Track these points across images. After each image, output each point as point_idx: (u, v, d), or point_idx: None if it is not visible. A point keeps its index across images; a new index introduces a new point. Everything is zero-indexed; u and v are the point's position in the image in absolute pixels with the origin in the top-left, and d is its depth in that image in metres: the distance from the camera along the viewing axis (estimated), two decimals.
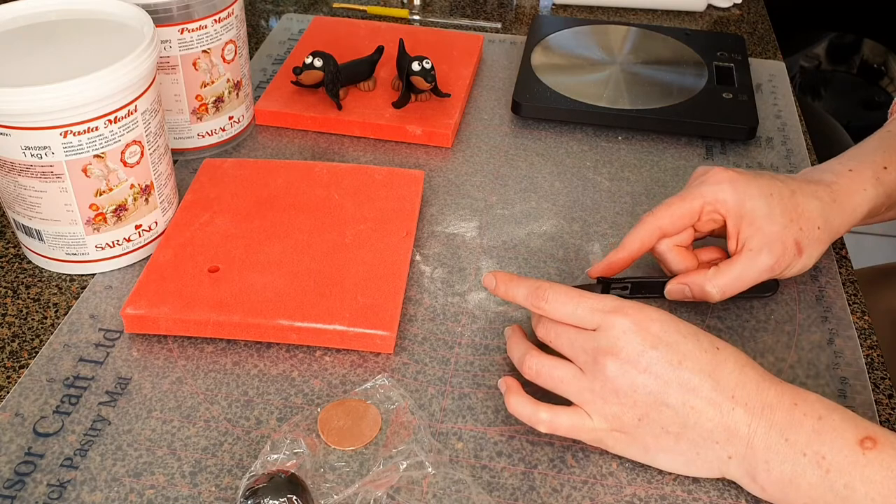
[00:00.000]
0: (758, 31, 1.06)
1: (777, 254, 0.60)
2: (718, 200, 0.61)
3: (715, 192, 0.61)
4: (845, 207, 0.63)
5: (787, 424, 0.49)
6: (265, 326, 0.62)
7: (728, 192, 0.61)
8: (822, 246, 0.63)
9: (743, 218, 0.61)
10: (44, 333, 0.64)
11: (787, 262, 0.61)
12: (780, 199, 0.61)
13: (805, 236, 0.61)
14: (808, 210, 0.61)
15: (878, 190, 0.64)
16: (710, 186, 0.61)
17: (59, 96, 0.58)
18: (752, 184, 0.61)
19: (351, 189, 0.73)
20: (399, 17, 1.05)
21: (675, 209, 0.62)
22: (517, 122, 0.87)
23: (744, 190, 0.61)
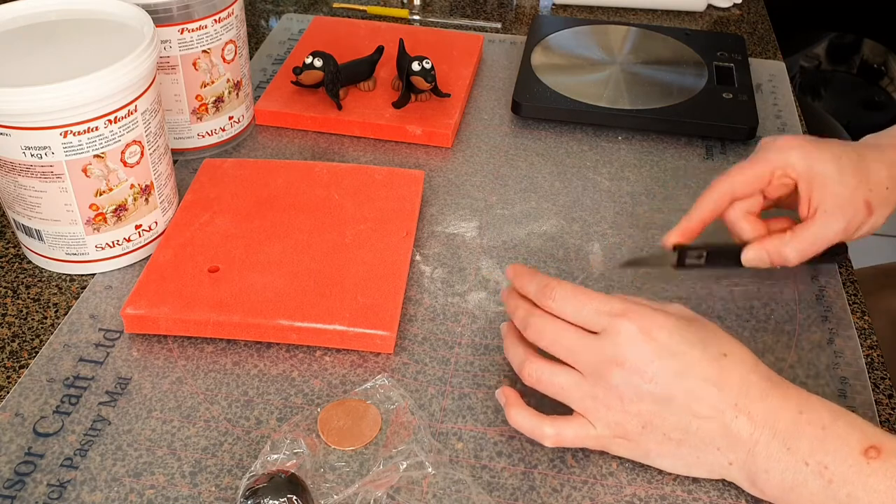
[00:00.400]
0: (758, 31, 1.06)
1: (849, 215, 0.61)
2: (789, 165, 0.61)
3: (785, 157, 0.61)
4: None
5: (791, 433, 0.49)
6: (265, 326, 0.62)
7: (797, 157, 0.61)
8: (890, 206, 0.63)
9: (814, 181, 0.61)
10: (44, 333, 0.64)
11: (859, 222, 0.61)
12: (848, 161, 0.61)
13: (875, 196, 0.61)
14: (875, 172, 0.61)
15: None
16: (779, 152, 0.61)
17: (59, 96, 0.58)
18: (820, 148, 0.61)
19: (351, 189, 0.73)
20: (399, 17, 1.05)
21: (746, 172, 0.62)
22: (517, 122, 0.87)
23: (813, 154, 0.61)
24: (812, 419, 0.49)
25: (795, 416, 0.49)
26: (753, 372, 0.51)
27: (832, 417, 0.49)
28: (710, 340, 0.52)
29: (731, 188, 0.62)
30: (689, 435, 0.51)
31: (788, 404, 0.50)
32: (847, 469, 0.48)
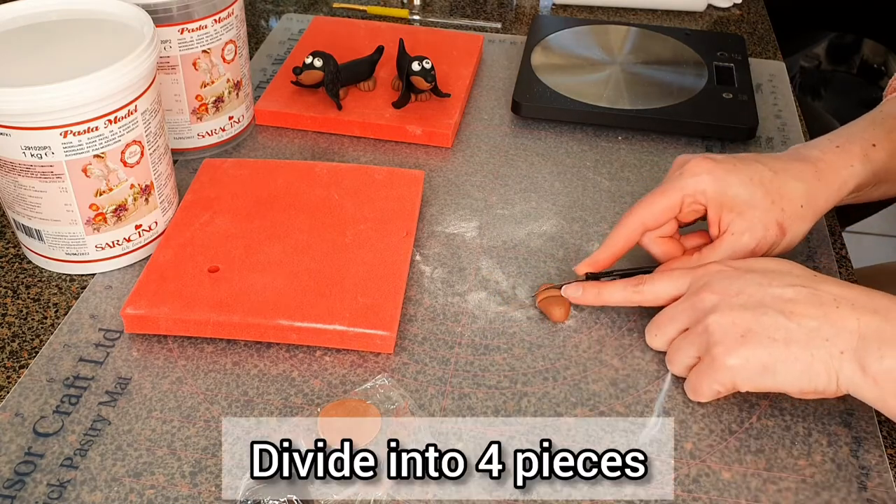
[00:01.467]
0: (758, 31, 1.06)
1: (759, 236, 0.62)
2: (698, 192, 0.62)
3: (695, 183, 0.62)
4: (830, 184, 0.63)
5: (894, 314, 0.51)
6: (265, 326, 0.62)
7: (707, 183, 0.62)
8: (806, 223, 0.63)
9: (723, 206, 0.62)
10: (44, 333, 0.64)
11: (770, 242, 0.62)
12: (760, 182, 0.62)
13: (787, 216, 0.62)
14: (790, 190, 0.62)
15: (866, 167, 0.64)
16: (689, 179, 0.62)
17: (59, 96, 0.58)
18: (731, 171, 0.62)
19: (351, 189, 0.73)
20: (399, 17, 1.05)
21: (656, 205, 0.63)
22: (517, 122, 0.87)
23: (723, 178, 0.61)
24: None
25: (891, 301, 0.52)
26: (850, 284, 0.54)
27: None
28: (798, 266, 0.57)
29: (641, 221, 0.63)
30: (792, 332, 0.52)
31: (881, 293, 0.52)
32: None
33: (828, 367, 0.52)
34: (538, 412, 0.59)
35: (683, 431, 0.58)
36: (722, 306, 0.54)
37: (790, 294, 0.53)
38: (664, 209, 0.63)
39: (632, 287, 0.60)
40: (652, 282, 0.60)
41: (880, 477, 0.55)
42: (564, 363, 0.62)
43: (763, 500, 0.54)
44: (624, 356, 0.63)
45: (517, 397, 0.60)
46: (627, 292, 0.61)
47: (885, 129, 0.67)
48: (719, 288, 0.55)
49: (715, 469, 0.55)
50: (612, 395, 0.60)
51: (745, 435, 0.57)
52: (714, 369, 0.55)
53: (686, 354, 0.57)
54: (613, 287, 0.62)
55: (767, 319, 0.53)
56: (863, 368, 0.51)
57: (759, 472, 0.55)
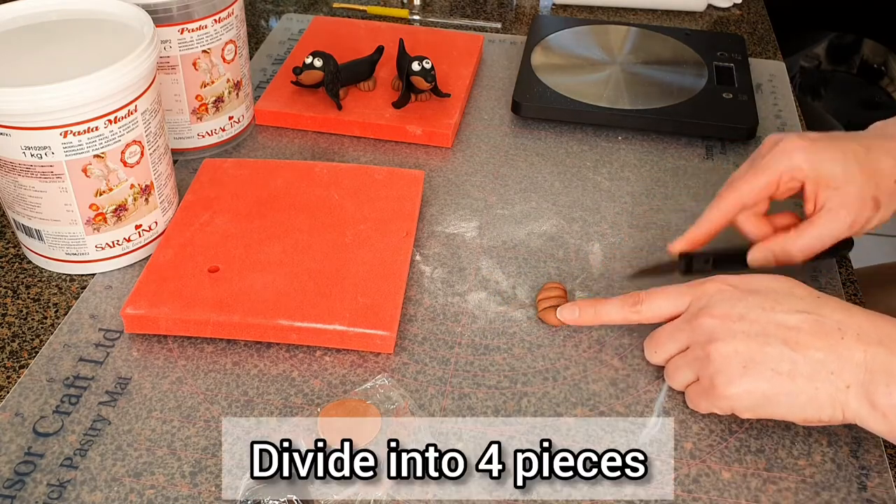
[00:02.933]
0: (758, 31, 1.06)
1: (855, 212, 0.61)
2: (795, 168, 0.61)
3: (790, 160, 0.61)
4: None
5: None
6: (265, 326, 0.62)
7: (802, 159, 0.61)
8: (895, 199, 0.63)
9: (820, 182, 0.61)
10: (44, 333, 0.64)
11: (866, 218, 0.62)
12: (855, 158, 0.61)
13: (882, 191, 0.61)
14: (882, 166, 0.61)
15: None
16: (784, 156, 0.62)
17: (59, 96, 0.58)
18: (825, 148, 0.62)
19: (351, 189, 0.73)
20: (399, 17, 1.05)
21: (755, 182, 0.62)
22: (517, 122, 0.87)
23: (818, 155, 0.61)
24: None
25: (894, 327, 0.51)
26: (854, 307, 0.53)
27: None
28: (800, 287, 0.55)
29: (740, 199, 0.63)
30: (797, 364, 0.51)
31: (885, 320, 0.51)
32: None
33: (833, 400, 0.51)
34: (538, 412, 0.59)
35: (683, 431, 0.58)
36: (724, 334, 0.53)
37: (794, 321, 0.52)
38: (763, 187, 0.62)
39: (629, 307, 0.60)
40: (650, 300, 0.59)
41: (880, 477, 0.55)
42: (564, 363, 0.62)
43: (763, 500, 0.54)
44: (624, 356, 0.63)
45: (517, 397, 0.60)
46: (625, 311, 0.60)
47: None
48: (720, 311, 0.54)
49: (715, 469, 0.55)
50: (612, 395, 0.60)
51: (745, 435, 0.57)
52: (714, 396, 0.54)
53: (685, 375, 0.57)
54: (610, 306, 0.61)
55: (772, 350, 0.52)
56: (871, 403, 0.50)
57: (759, 472, 0.55)
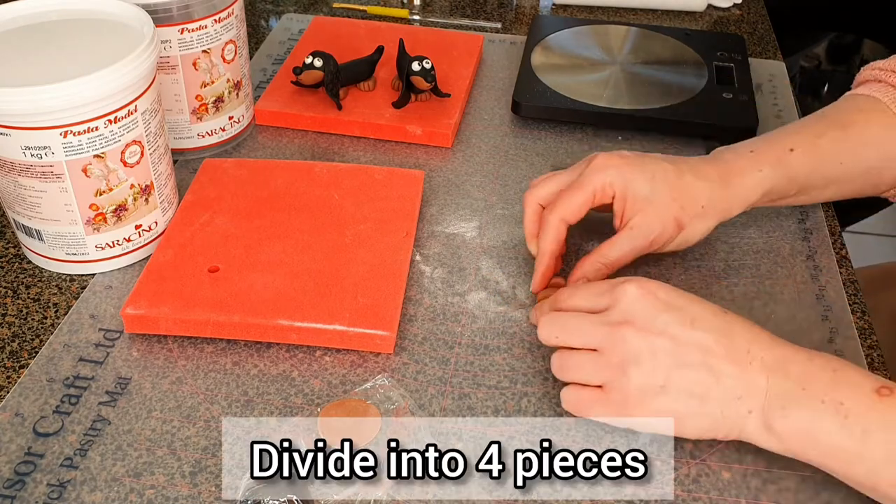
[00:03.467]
0: (758, 31, 1.06)
1: (656, 231, 0.64)
2: (606, 185, 0.65)
3: (602, 178, 0.65)
4: (735, 188, 0.66)
5: (804, 375, 0.51)
6: (265, 326, 0.62)
7: (614, 177, 0.64)
8: (706, 222, 0.65)
9: (626, 199, 0.64)
10: (44, 333, 0.64)
11: (667, 236, 0.65)
12: (664, 180, 0.64)
13: (686, 214, 0.64)
14: (692, 190, 0.65)
15: (778, 171, 0.66)
16: (598, 174, 0.65)
17: (59, 96, 0.58)
18: (636, 168, 0.65)
19: (351, 189, 0.73)
20: (399, 17, 1.05)
21: (573, 201, 0.65)
22: (517, 122, 0.87)
23: (628, 174, 0.64)
24: (823, 364, 0.51)
25: (806, 361, 0.52)
26: (756, 327, 0.54)
27: (840, 364, 0.52)
28: (706, 301, 0.55)
29: (562, 219, 0.65)
30: (711, 389, 0.52)
31: (798, 353, 0.52)
32: (862, 405, 0.49)
33: (734, 423, 0.52)
34: (538, 412, 0.59)
35: None
36: (645, 351, 0.52)
37: (710, 342, 0.52)
38: (581, 204, 0.65)
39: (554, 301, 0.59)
40: (571, 294, 0.58)
41: None
42: None
43: (763, 500, 0.54)
44: None
45: (517, 397, 0.60)
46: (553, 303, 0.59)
47: (814, 133, 0.68)
48: (642, 323, 0.53)
49: (715, 469, 0.55)
50: None
51: None
52: (620, 410, 0.54)
53: (586, 375, 0.55)
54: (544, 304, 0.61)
55: (690, 374, 0.52)
56: (768, 427, 0.51)
57: (759, 472, 0.55)
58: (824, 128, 0.68)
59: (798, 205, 0.72)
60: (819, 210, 0.77)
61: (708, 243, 0.72)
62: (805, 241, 0.73)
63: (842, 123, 0.69)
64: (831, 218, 0.76)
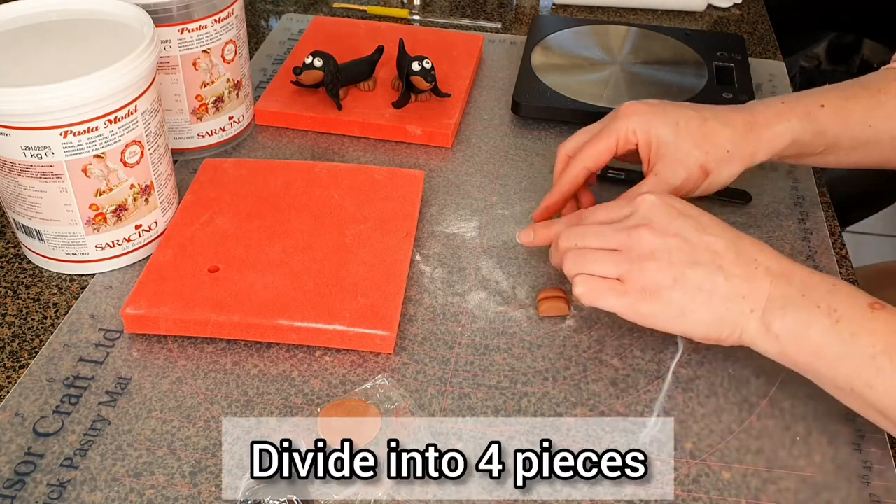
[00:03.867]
0: (758, 31, 1.06)
1: (681, 177, 0.65)
2: (629, 131, 0.67)
3: (626, 125, 0.66)
4: (761, 135, 0.67)
5: (805, 284, 0.55)
6: (265, 326, 0.62)
7: (637, 124, 0.66)
8: (732, 167, 0.67)
9: (650, 145, 0.66)
10: (44, 333, 0.64)
11: (694, 182, 0.66)
12: (686, 127, 0.66)
13: (711, 159, 0.66)
14: (717, 135, 0.66)
15: (806, 125, 0.67)
16: (622, 120, 0.67)
17: (59, 96, 0.58)
18: (659, 115, 0.66)
19: (351, 189, 0.73)
20: (399, 17, 1.05)
21: (596, 148, 0.67)
22: (517, 122, 0.87)
23: (652, 121, 0.66)
24: (823, 278, 0.55)
25: (808, 274, 0.55)
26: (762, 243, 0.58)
27: (840, 281, 0.55)
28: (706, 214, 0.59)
29: (584, 165, 0.68)
30: (718, 285, 0.55)
31: (801, 268, 0.56)
32: (853, 313, 0.53)
33: (736, 322, 0.55)
34: (538, 412, 0.59)
35: (683, 431, 0.58)
36: (661, 249, 0.56)
37: (720, 246, 0.56)
38: (603, 151, 0.67)
39: (574, 220, 0.62)
40: (592, 213, 0.61)
41: (882, 476, 0.55)
42: (564, 363, 0.62)
43: (763, 500, 0.54)
44: (624, 356, 0.63)
45: (517, 397, 0.60)
46: (571, 224, 0.62)
47: (845, 94, 0.69)
48: (659, 226, 0.57)
49: (715, 469, 0.56)
50: (612, 395, 0.60)
51: (745, 435, 0.58)
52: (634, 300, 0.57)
53: (605, 268, 0.58)
54: (558, 223, 0.64)
55: (701, 270, 0.55)
56: (767, 327, 0.54)
57: (759, 472, 0.55)
58: (856, 91, 0.69)
59: (826, 166, 0.73)
60: (819, 210, 0.77)
61: None
62: (805, 241, 0.73)
63: (874, 90, 0.69)
64: (831, 218, 0.76)
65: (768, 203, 0.77)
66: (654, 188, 0.65)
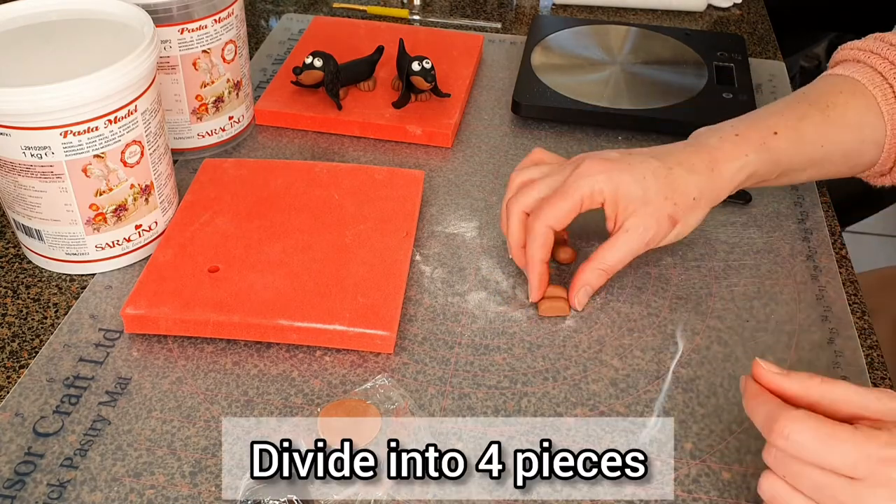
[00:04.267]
0: (758, 31, 1.06)
1: (652, 231, 0.64)
2: (595, 191, 0.64)
3: (591, 184, 0.64)
4: (723, 174, 0.66)
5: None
6: (265, 326, 0.62)
7: (604, 183, 0.64)
8: (698, 213, 0.66)
9: (618, 203, 0.64)
10: (44, 333, 0.64)
11: (662, 235, 0.65)
12: (654, 180, 0.64)
13: (679, 210, 0.64)
14: (683, 185, 0.65)
15: (763, 155, 0.66)
16: (586, 179, 0.64)
17: (59, 96, 0.58)
18: (625, 171, 0.64)
19: (351, 189, 0.73)
20: (399, 17, 1.05)
21: (560, 209, 0.64)
22: (517, 122, 0.87)
23: (617, 178, 0.64)
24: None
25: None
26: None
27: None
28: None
29: (548, 226, 0.64)
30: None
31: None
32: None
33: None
34: (538, 412, 0.59)
35: (683, 431, 0.58)
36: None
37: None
38: (568, 212, 0.64)
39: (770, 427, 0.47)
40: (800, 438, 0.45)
41: None
42: (564, 363, 0.62)
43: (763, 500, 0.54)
44: (624, 356, 0.63)
45: (517, 397, 0.60)
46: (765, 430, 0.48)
47: (797, 115, 0.68)
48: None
49: (715, 469, 0.56)
50: (612, 395, 0.60)
51: (745, 435, 0.57)
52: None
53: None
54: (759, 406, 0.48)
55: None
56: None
57: (759, 472, 0.55)
58: (805, 110, 0.68)
59: (776, 186, 0.72)
60: (819, 210, 0.77)
61: (708, 243, 0.72)
62: (805, 242, 0.73)
63: (823, 105, 0.68)
64: (831, 218, 0.76)
65: (768, 203, 0.77)
66: (625, 245, 0.64)
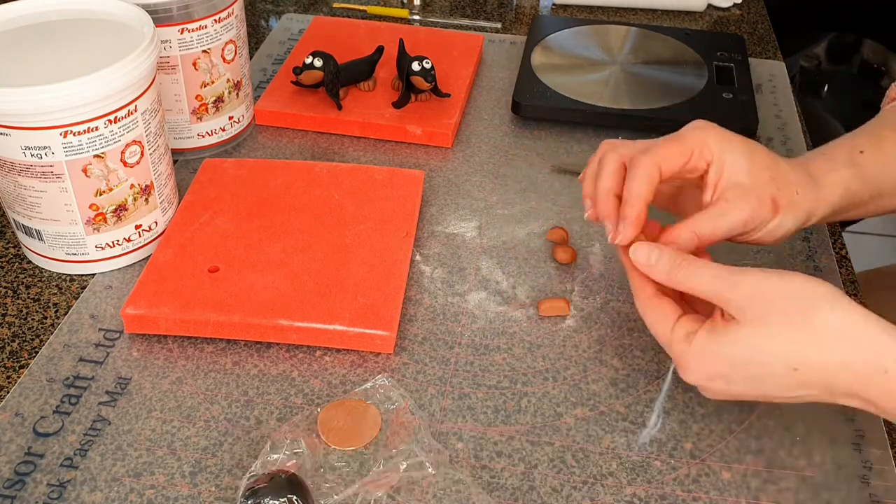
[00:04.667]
0: (758, 31, 1.06)
1: (753, 206, 0.58)
2: (706, 145, 0.59)
3: (703, 136, 0.59)
4: (820, 184, 0.61)
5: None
6: (265, 326, 0.62)
7: (713, 138, 0.59)
8: (798, 213, 0.60)
9: (723, 167, 0.59)
10: (44, 333, 0.64)
11: (762, 217, 0.59)
12: (761, 157, 0.60)
13: (783, 195, 0.59)
14: (787, 174, 0.60)
15: (852, 171, 0.62)
16: (700, 130, 0.60)
17: (59, 96, 0.58)
18: (734, 139, 0.60)
19: (351, 189, 0.73)
20: (399, 17, 1.05)
21: (671, 149, 0.59)
22: (517, 122, 0.87)
23: (727, 140, 0.59)
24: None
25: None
26: None
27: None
28: None
29: (657, 164, 0.59)
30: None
31: None
32: None
33: None
34: (538, 412, 0.59)
35: (683, 431, 0.58)
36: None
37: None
38: (679, 154, 0.59)
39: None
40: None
41: (882, 476, 0.55)
42: (564, 363, 0.62)
43: (763, 500, 0.54)
44: (624, 356, 0.63)
45: (517, 397, 0.60)
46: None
47: (875, 136, 0.65)
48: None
49: (715, 469, 0.56)
50: (612, 395, 0.60)
51: (744, 435, 0.58)
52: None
53: None
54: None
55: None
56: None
57: (759, 472, 0.55)
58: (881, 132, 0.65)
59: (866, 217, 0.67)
60: None
61: None
62: (805, 242, 0.73)
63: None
64: None
65: None
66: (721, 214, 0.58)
